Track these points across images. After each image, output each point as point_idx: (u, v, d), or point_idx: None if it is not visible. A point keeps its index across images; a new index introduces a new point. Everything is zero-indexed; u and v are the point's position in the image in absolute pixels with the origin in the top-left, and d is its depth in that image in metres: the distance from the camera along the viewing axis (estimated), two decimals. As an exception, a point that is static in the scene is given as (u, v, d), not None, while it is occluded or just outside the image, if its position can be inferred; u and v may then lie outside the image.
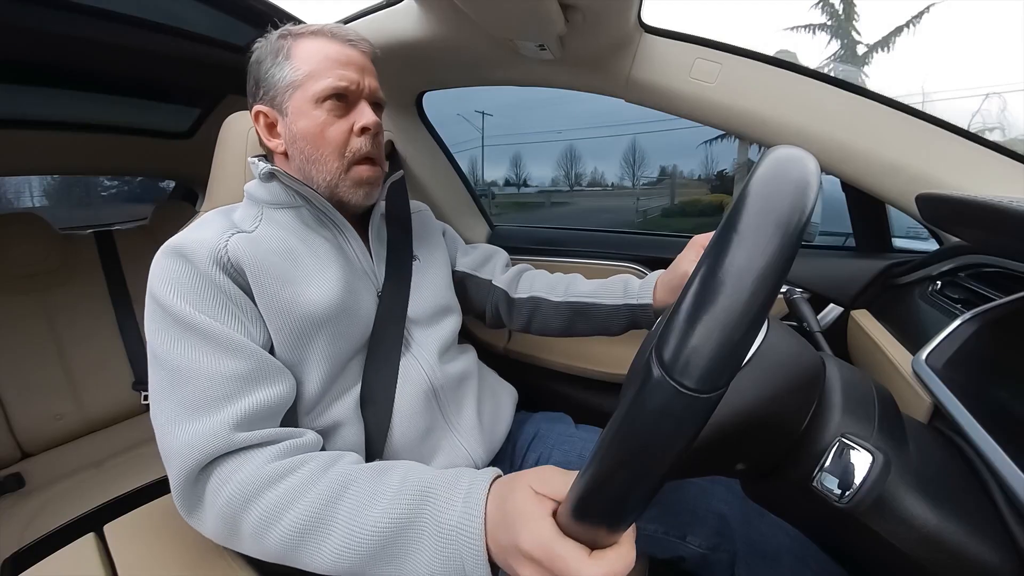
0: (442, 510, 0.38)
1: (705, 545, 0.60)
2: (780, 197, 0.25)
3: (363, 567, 0.39)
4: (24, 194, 7.00)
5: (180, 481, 0.44)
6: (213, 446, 0.43)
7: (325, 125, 0.57)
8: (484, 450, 0.64)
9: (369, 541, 0.39)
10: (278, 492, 0.42)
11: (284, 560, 0.43)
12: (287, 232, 0.57)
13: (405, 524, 0.39)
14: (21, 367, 1.24)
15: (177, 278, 0.49)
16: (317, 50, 0.58)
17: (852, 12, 14.94)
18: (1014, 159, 0.60)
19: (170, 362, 0.47)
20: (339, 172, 0.58)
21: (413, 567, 0.38)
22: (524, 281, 0.77)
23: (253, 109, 0.60)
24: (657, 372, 0.24)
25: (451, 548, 0.37)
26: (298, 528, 0.41)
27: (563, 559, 0.31)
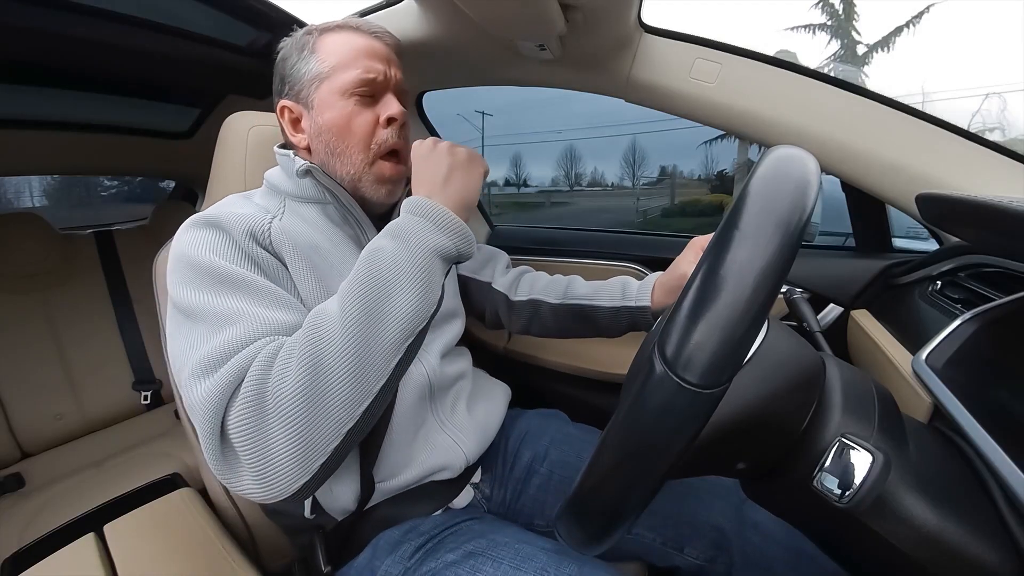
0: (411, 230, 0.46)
1: (702, 557, 0.60)
2: (781, 196, 0.25)
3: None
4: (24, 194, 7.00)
5: (212, 426, 0.39)
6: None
7: (352, 116, 0.56)
8: (476, 446, 0.64)
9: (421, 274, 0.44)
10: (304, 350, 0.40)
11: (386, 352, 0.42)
12: (312, 227, 0.56)
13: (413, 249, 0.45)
14: (21, 367, 1.24)
15: (213, 243, 0.48)
16: (343, 42, 0.58)
17: (852, 12, 14.94)
18: (1014, 159, 0.60)
19: (213, 311, 0.43)
20: (363, 166, 0.57)
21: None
22: (524, 283, 0.77)
23: (278, 104, 0.60)
24: (660, 367, 0.24)
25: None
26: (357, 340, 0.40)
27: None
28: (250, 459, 0.38)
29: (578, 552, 0.32)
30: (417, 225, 0.47)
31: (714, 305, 0.24)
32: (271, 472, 0.38)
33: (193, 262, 0.47)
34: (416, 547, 0.54)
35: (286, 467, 0.38)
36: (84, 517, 0.93)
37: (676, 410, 0.24)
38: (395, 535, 0.56)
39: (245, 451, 0.38)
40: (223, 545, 0.62)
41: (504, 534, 0.54)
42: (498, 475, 0.71)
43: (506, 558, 0.50)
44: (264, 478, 0.38)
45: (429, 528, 0.57)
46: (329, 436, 0.40)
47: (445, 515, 0.61)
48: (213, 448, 0.39)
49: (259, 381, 0.39)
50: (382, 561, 0.55)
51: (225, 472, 0.40)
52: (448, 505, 0.63)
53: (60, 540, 0.67)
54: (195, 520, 0.66)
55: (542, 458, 0.70)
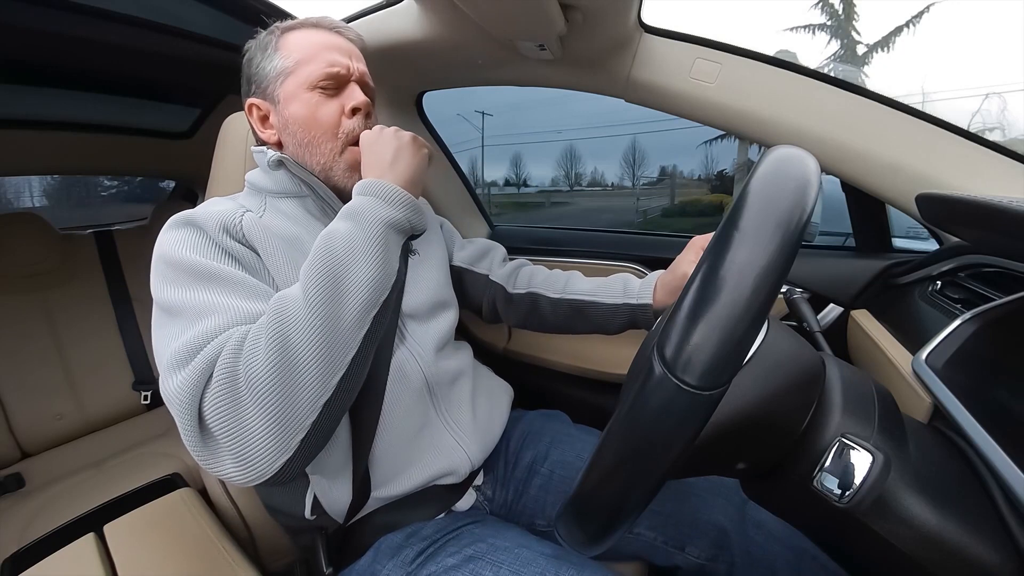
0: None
1: (703, 556, 0.60)
2: (781, 196, 0.25)
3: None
4: (24, 194, 6.98)
5: (189, 414, 0.40)
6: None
7: (317, 106, 0.58)
8: (480, 448, 0.64)
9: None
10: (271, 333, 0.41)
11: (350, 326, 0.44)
12: (291, 221, 0.57)
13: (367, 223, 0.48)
14: (21, 367, 1.24)
15: (190, 240, 0.49)
16: (305, 38, 0.59)
17: (852, 12, 14.94)
18: (1014, 159, 0.60)
19: (189, 306, 0.45)
20: (332, 155, 0.59)
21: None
22: (522, 276, 0.77)
23: (246, 103, 0.61)
24: (659, 369, 0.24)
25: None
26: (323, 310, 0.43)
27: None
28: (229, 442, 0.39)
29: (578, 552, 0.32)
30: (368, 203, 0.50)
31: (713, 306, 0.24)
32: (250, 452, 0.39)
33: (171, 260, 0.48)
34: (418, 552, 0.54)
35: (264, 446, 0.40)
36: (84, 517, 0.93)
37: (675, 411, 0.24)
38: (397, 539, 0.56)
39: (223, 434, 0.39)
40: (223, 545, 0.62)
41: (504, 538, 0.54)
42: (500, 476, 0.71)
43: (506, 562, 0.50)
44: (244, 459, 0.39)
45: (431, 532, 0.57)
46: (305, 411, 0.41)
47: (447, 518, 0.61)
48: (192, 435, 0.40)
49: (230, 365, 0.40)
50: (383, 565, 0.55)
51: (206, 457, 0.41)
52: (451, 508, 0.63)
53: (60, 540, 0.67)
54: (195, 520, 0.66)
55: (543, 458, 0.70)
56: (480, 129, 27.08)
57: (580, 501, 0.30)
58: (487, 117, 27.55)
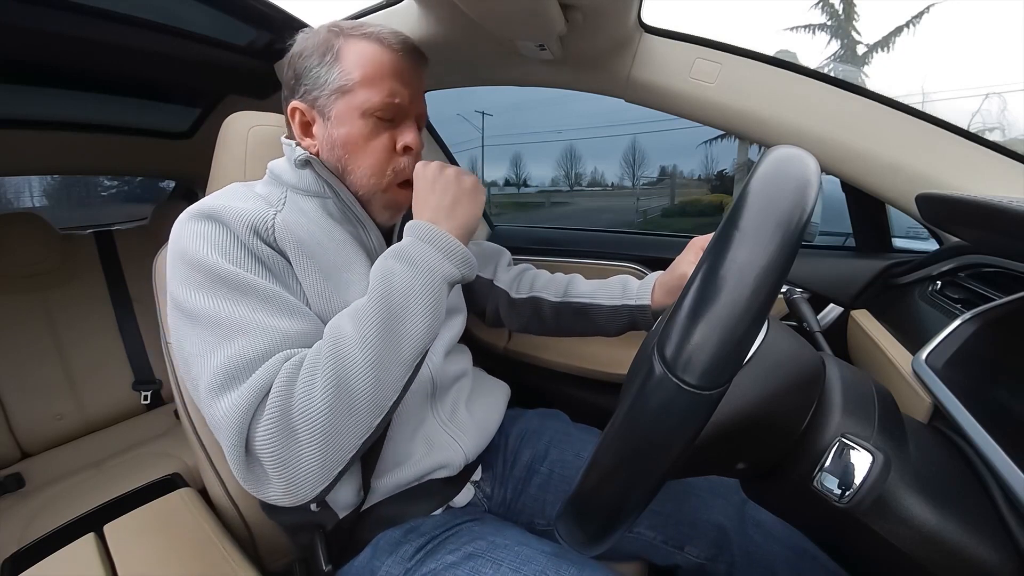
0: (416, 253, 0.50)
1: (703, 556, 0.60)
2: (781, 196, 0.25)
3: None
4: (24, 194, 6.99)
5: (237, 442, 0.40)
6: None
7: (368, 137, 0.55)
8: (475, 444, 0.64)
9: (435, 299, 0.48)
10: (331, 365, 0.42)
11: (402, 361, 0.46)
12: (312, 223, 0.55)
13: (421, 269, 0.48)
14: (21, 367, 1.24)
15: (214, 238, 0.47)
16: (371, 55, 0.54)
17: (852, 12, 14.94)
18: (1014, 159, 0.60)
19: (220, 319, 0.43)
20: (376, 190, 0.57)
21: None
22: (525, 281, 0.77)
23: (289, 105, 0.57)
24: (659, 369, 0.24)
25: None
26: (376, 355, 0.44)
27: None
28: (278, 471, 0.41)
29: (578, 552, 0.32)
30: (427, 252, 0.49)
31: (713, 306, 0.24)
32: (298, 482, 0.41)
33: (194, 260, 0.46)
34: (417, 548, 0.54)
35: (312, 477, 0.42)
36: (84, 517, 0.93)
37: (675, 411, 0.24)
38: (396, 535, 0.56)
39: (273, 465, 0.41)
40: (223, 545, 0.62)
41: (504, 536, 0.54)
42: (498, 474, 0.71)
43: (506, 560, 0.50)
44: (291, 487, 0.41)
45: (430, 528, 0.57)
46: (349, 448, 0.43)
47: (446, 515, 0.61)
48: (239, 462, 0.41)
49: (284, 399, 0.41)
50: (382, 561, 0.55)
51: (252, 483, 0.43)
52: (449, 504, 0.63)
53: (60, 540, 0.67)
54: (195, 520, 0.66)
55: (542, 457, 0.70)
56: (480, 129, 27.11)
57: (580, 500, 0.30)
58: (487, 117, 27.59)
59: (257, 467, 0.42)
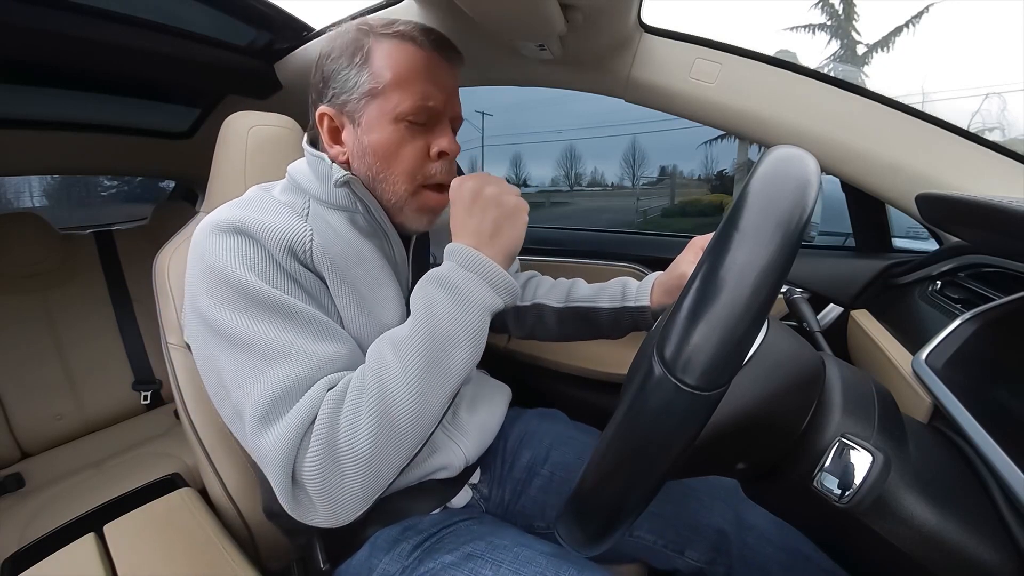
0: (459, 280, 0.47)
1: (702, 559, 0.60)
2: (781, 196, 0.25)
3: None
4: (24, 194, 7.00)
5: (284, 474, 0.41)
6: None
7: (401, 143, 0.52)
8: (474, 445, 0.64)
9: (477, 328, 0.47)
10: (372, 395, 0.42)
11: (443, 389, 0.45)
12: (341, 238, 0.53)
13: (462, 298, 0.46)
14: (21, 367, 1.24)
15: (247, 256, 0.45)
16: (402, 56, 0.51)
17: (852, 12, 14.93)
18: (1014, 159, 0.60)
19: (259, 343, 0.43)
20: (406, 195, 0.54)
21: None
22: (529, 288, 0.77)
23: (317, 110, 0.54)
24: (659, 370, 0.24)
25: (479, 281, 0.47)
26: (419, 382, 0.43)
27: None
28: (323, 499, 0.41)
29: (578, 553, 0.32)
30: (471, 282, 0.47)
31: (713, 306, 0.24)
32: (342, 508, 0.42)
33: (228, 278, 0.44)
34: (414, 545, 0.54)
35: (354, 504, 0.43)
36: (84, 517, 0.93)
37: (674, 412, 0.24)
38: (393, 533, 0.56)
39: (318, 494, 0.41)
40: (223, 545, 0.62)
41: (503, 536, 0.54)
42: (496, 475, 0.71)
43: (505, 561, 0.50)
44: (334, 513, 0.42)
45: (427, 526, 0.57)
46: (390, 476, 0.44)
47: (443, 514, 0.61)
48: (286, 492, 0.42)
49: (329, 431, 0.41)
50: (380, 559, 0.55)
51: (298, 511, 0.43)
52: (446, 505, 0.63)
53: (60, 540, 0.67)
54: (195, 520, 0.66)
55: (543, 460, 0.70)
56: (480, 129, 27.08)
57: (580, 501, 0.30)
58: (487, 117, 27.55)
59: (303, 495, 0.42)
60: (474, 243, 0.49)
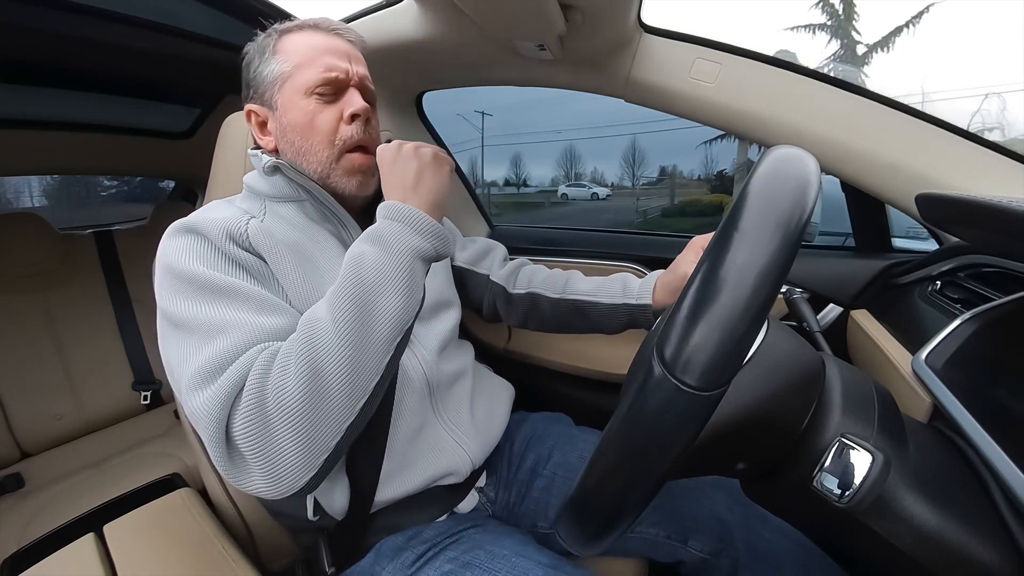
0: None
1: (707, 550, 0.60)
2: (781, 196, 0.25)
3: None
4: (24, 194, 6.99)
5: (216, 433, 0.40)
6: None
7: (314, 113, 0.56)
8: (480, 448, 0.64)
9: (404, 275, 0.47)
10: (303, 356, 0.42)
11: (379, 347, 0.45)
12: (293, 227, 0.56)
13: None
14: (21, 367, 1.24)
15: (195, 249, 0.49)
16: (303, 42, 0.57)
17: (852, 12, 14.93)
18: (1014, 159, 0.60)
19: (202, 322, 0.44)
20: (330, 161, 0.57)
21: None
22: (523, 276, 0.77)
23: (245, 109, 0.60)
24: (658, 370, 0.24)
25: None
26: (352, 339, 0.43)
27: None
28: (258, 460, 0.40)
29: (578, 552, 0.32)
30: (395, 230, 0.49)
31: (713, 307, 0.24)
32: (279, 471, 0.41)
33: (176, 271, 0.47)
34: (418, 555, 0.54)
35: (293, 465, 0.41)
36: (84, 517, 0.93)
37: (674, 412, 0.24)
38: (398, 541, 0.56)
39: (252, 454, 0.40)
40: (223, 545, 0.62)
41: (503, 546, 0.54)
42: (502, 478, 0.71)
43: (502, 571, 0.50)
44: (272, 477, 0.41)
45: (432, 536, 0.57)
46: (331, 433, 0.42)
47: (449, 521, 0.61)
48: (220, 453, 0.41)
49: (259, 386, 0.41)
50: (383, 567, 0.55)
51: (234, 474, 0.42)
52: (453, 510, 0.62)
53: (60, 540, 0.67)
54: (195, 520, 0.66)
55: (545, 460, 0.70)
56: (480, 129, 27.09)
57: (580, 500, 0.30)
58: (487, 117, 27.56)
59: (238, 457, 0.41)
60: (400, 196, 0.52)
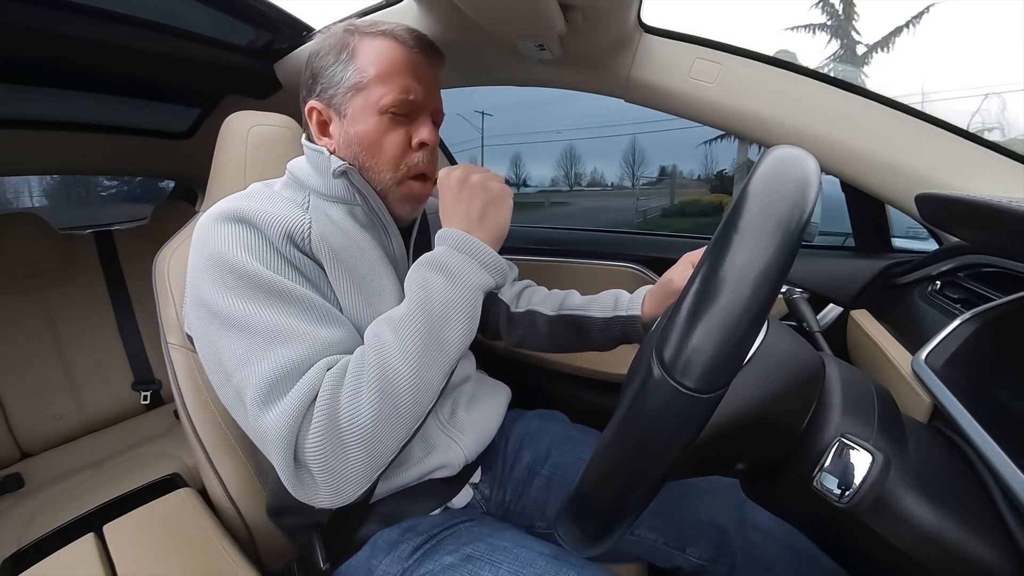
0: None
1: (704, 557, 0.60)
2: (780, 196, 0.25)
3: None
4: (24, 194, 7.00)
5: (286, 453, 0.41)
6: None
7: (384, 133, 0.55)
8: (475, 445, 0.64)
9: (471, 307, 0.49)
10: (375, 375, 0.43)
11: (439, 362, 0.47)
12: (340, 230, 0.55)
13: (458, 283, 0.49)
14: (21, 367, 1.24)
15: (247, 243, 0.47)
16: (385, 52, 0.55)
17: (852, 12, 14.93)
18: (1014, 159, 0.60)
19: (261, 326, 0.43)
20: (391, 184, 0.57)
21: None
22: (524, 296, 0.77)
23: (307, 105, 0.58)
24: (657, 372, 0.24)
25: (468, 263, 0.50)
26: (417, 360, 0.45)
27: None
28: (326, 478, 0.42)
29: (577, 553, 0.32)
30: (463, 263, 0.50)
31: (712, 308, 0.24)
32: (344, 486, 0.43)
33: (230, 264, 0.46)
34: (414, 547, 0.54)
35: (356, 481, 0.43)
36: (84, 517, 0.93)
37: (673, 414, 0.24)
38: (393, 534, 0.56)
39: (322, 473, 0.42)
40: (223, 545, 0.62)
41: (503, 538, 0.54)
42: (497, 475, 0.71)
43: (505, 562, 0.50)
44: (337, 492, 0.43)
45: (427, 528, 0.57)
46: (391, 452, 0.45)
47: (444, 515, 0.61)
48: (288, 471, 0.42)
49: (330, 410, 0.42)
50: (380, 560, 0.55)
51: (300, 490, 0.43)
52: (447, 505, 0.63)
53: (60, 540, 0.67)
54: (195, 520, 0.66)
55: (543, 460, 0.70)
56: (480, 129, 27.12)
57: (579, 501, 0.30)
58: (487, 117, 27.59)
59: (305, 474, 0.42)
60: (464, 227, 0.52)
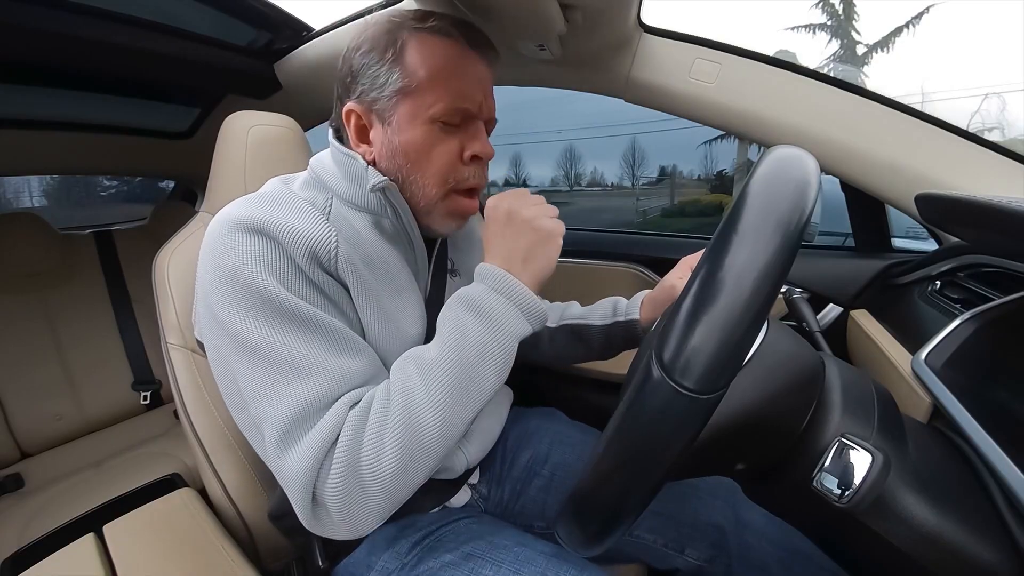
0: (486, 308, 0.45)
1: (702, 558, 0.60)
2: (780, 197, 0.25)
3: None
4: (24, 194, 7.00)
5: (305, 493, 0.40)
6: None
7: (432, 144, 0.49)
8: (477, 450, 0.64)
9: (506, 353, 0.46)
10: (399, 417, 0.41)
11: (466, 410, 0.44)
12: (366, 242, 0.51)
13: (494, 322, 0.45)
14: (21, 367, 1.24)
15: (267, 260, 0.43)
16: (439, 55, 0.48)
17: (852, 12, 14.92)
18: (1014, 159, 0.60)
19: (281, 356, 0.41)
20: (436, 199, 0.51)
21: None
22: None
23: (344, 106, 0.51)
24: (657, 373, 0.24)
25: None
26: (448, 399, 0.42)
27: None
28: (344, 517, 0.41)
29: (577, 553, 0.32)
30: (502, 307, 0.45)
31: (712, 308, 0.24)
32: (361, 523, 0.42)
33: (247, 283, 0.42)
34: (413, 543, 0.54)
35: (375, 518, 0.42)
36: (83, 517, 0.93)
37: (672, 415, 0.24)
38: (391, 531, 0.56)
39: (340, 512, 0.41)
40: (223, 545, 0.61)
41: (503, 536, 0.54)
42: (495, 474, 0.71)
43: (506, 561, 0.50)
44: (354, 527, 0.42)
45: (426, 524, 0.57)
46: (411, 491, 0.44)
47: (442, 512, 0.61)
48: (306, 510, 0.41)
49: (351, 455, 0.40)
50: (378, 556, 0.55)
51: (317, 526, 0.42)
52: (445, 504, 0.63)
53: (60, 540, 0.67)
54: (195, 520, 0.66)
55: (543, 460, 0.70)
56: (480, 129, 26.96)
57: (579, 502, 0.30)
58: (487, 117, 27.45)
59: (323, 513, 0.41)
60: (506, 265, 0.46)
